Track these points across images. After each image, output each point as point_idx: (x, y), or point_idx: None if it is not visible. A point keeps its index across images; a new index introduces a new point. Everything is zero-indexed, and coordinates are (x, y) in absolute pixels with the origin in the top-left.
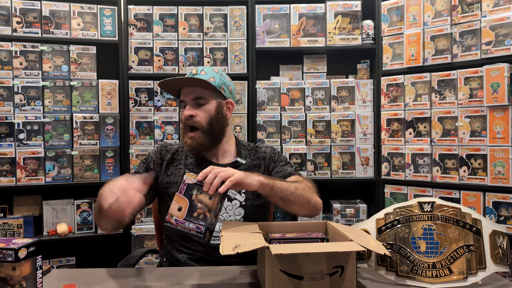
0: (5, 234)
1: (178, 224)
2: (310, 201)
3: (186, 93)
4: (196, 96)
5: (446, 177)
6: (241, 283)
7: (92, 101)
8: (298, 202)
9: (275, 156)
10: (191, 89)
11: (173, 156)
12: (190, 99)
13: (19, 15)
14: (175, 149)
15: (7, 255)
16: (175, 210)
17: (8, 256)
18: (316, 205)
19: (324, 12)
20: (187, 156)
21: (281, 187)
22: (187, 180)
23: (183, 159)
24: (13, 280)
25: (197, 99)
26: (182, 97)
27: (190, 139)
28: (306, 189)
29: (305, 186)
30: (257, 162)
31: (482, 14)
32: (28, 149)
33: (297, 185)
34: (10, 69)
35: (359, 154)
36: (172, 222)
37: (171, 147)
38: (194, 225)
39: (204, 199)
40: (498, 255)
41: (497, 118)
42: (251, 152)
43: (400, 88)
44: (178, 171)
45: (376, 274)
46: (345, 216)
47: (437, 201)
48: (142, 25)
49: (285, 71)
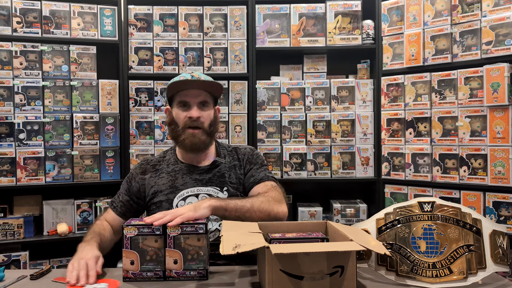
0: (5, 234)
1: (136, 276)
2: (270, 213)
3: (192, 95)
4: (203, 99)
5: (446, 177)
6: (241, 283)
7: (92, 101)
8: (256, 217)
9: (252, 158)
10: (197, 92)
11: (154, 167)
12: (197, 101)
13: (19, 15)
14: (156, 161)
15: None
16: (128, 265)
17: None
18: (277, 216)
19: (324, 12)
20: (169, 164)
21: (235, 207)
22: (128, 235)
23: (165, 168)
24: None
25: (203, 102)
26: (186, 99)
27: (192, 136)
28: (266, 202)
29: (267, 198)
30: (236, 162)
31: (482, 14)
32: (28, 149)
33: (254, 200)
34: (10, 69)
35: (359, 154)
36: (130, 277)
37: (151, 159)
38: (151, 273)
39: (150, 243)
40: (498, 255)
41: (497, 118)
42: (231, 152)
43: (400, 88)
44: (160, 179)
45: (376, 274)
46: (345, 216)
47: (437, 201)
48: (142, 25)
49: (285, 71)
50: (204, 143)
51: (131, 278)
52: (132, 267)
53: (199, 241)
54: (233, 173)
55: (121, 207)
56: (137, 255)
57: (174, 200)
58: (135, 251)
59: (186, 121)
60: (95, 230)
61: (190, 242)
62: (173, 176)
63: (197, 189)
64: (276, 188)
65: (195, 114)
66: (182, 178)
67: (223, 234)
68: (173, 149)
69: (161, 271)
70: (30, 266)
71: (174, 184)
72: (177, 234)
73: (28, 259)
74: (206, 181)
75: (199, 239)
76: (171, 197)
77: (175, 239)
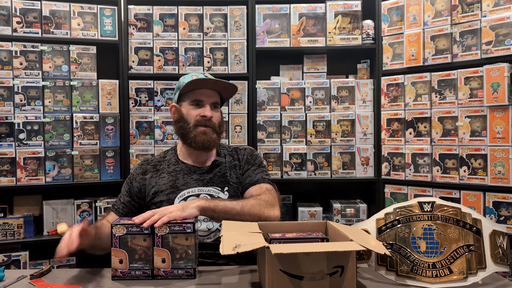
0: (5, 234)
1: (125, 275)
2: (260, 217)
3: (206, 95)
4: (215, 100)
5: (446, 177)
6: (241, 283)
7: (92, 101)
8: (245, 220)
9: (251, 158)
10: (211, 93)
11: (155, 167)
12: (210, 101)
13: (19, 15)
14: (157, 161)
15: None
16: (117, 263)
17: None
18: (268, 220)
19: (324, 12)
20: (169, 164)
21: (225, 209)
22: (117, 234)
23: (165, 168)
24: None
25: (215, 103)
26: (200, 97)
27: (204, 134)
28: (257, 206)
29: (259, 201)
30: (237, 162)
31: (482, 14)
32: (28, 149)
33: (245, 203)
34: (10, 69)
35: (359, 154)
36: (119, 275)
37: (152, 159)
38: (140, 272)
39: (139, 242)
40: (498, 255)
41: (497, 118)
42: (232, 152)
43: (400, 88)
44: (161, 179)
45: (376, 274)
46: (345, 216)
47: (437, 201)
48: (142, 25)
49: (285, 71)
50: (214, 142)
51: (120, 277)
52: (120, 266)
53: (187, 240)
54: (234, 173)
55: (122, 208)
56: (125, 254)
57: (175, 200)
58: (124, 250)
59: (199, 119)
60: (95, 224)
61: (178, 241)
62: (174, 176)
63: (198, 189)
64: (270, 192)
65: (209, 113)
66: (183, 178)
67: (223, 234)
68: (173, 149)
69: (150, 270)
70: (30, 266)
71: (175, 184)
72: (165, 234)
73: (28, 259)
74: (207, 181)
75: (187, 238)
76: (172, 197)
77: (163, 238)
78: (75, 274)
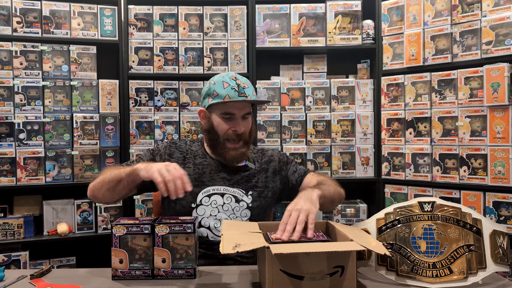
0: (5, 234)
1: (125, 275)
2: (341, 193)
3: (238, 108)
4: (247, 111)
5: (446, 177)
6: (241, 283)
7: (92, 101)
8: (337, 199)
9: (283, 158)
10: (243, 105)
11: (182, 154)
12: (242, 114)
13: (19, 15)
14: (186, 149)
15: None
16: (117, 263)
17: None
18: (342, 196)
19: (324, 12)
20: (196, 156)
21: (324, 194)
22: (117, 233)
23: (191, 159)
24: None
25: (246, 114)
26: (232, 111)
27: (233, 150)
28: (334, 185)
29: (330, 181)
30: (265, 166)
31: (482, 14)
32: (28, 149)
33: (327, 186)
34: (10, 69)
35: (359, 154)
36: (119, 275)
37: (179, 144)
38: (140, 272)
39: (139, 242)
40: (499, 255)
41: (497, 118)
42: (258, 155)
43: (400, 88)
44: (186, 169)
45: (376, 274)
46: (345, 216)
47: (437, 201)
48: (142, 25)
49: (285, 71)
50: (244, 155)
51: (120, 277)
52: (121, 266)
53: (188, 240)
54: (260, 178)
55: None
56: (126, 254)
57: (198, 195)
58: (124, 250)
59: (229, 134)
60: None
61: (179, 241)
62: (200, 170)
63: (224, 188)
64: (322, 174)
65: (240, 129)
66: (209, 174)
67: (223, 233)
68: (200, 142)
69: (150, 270)
70: (30, 266)
71: (200, 178)
72: (165, 234)
73: (28, 259)
74: (234, 182)
75: (187, 238)
76: (196, 190)
77: (164, 238)
78: (75, 274)
